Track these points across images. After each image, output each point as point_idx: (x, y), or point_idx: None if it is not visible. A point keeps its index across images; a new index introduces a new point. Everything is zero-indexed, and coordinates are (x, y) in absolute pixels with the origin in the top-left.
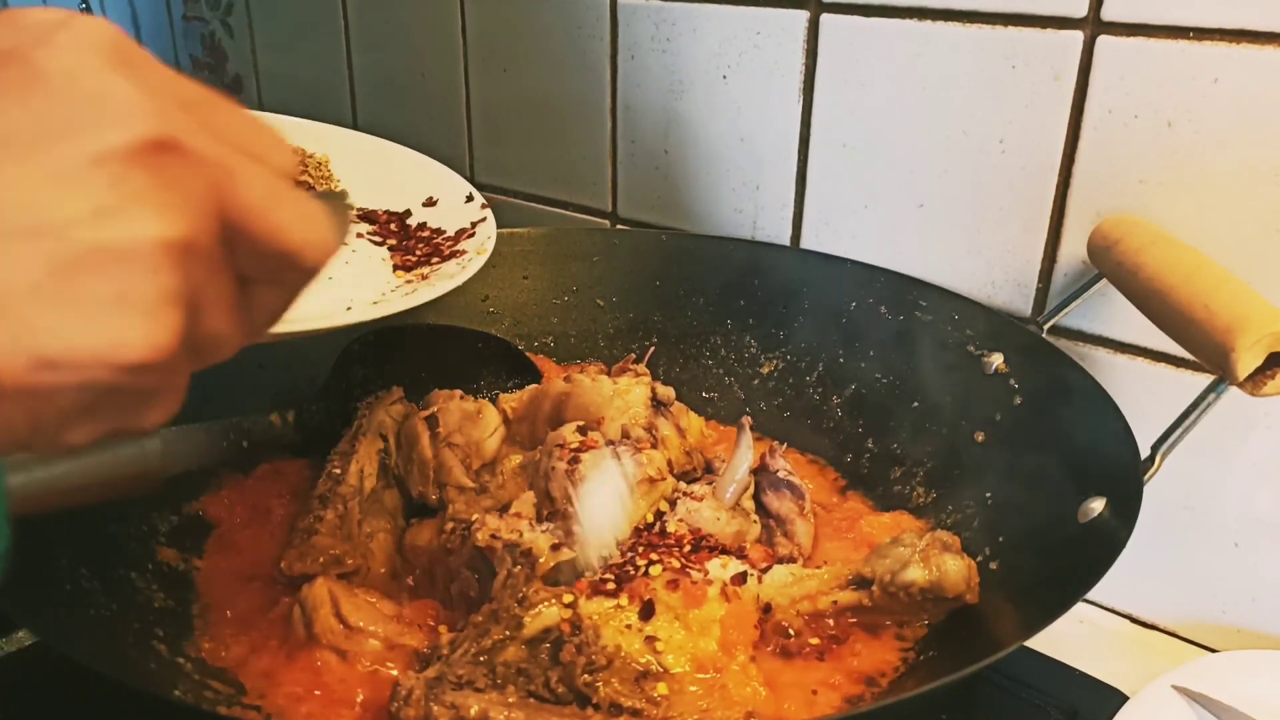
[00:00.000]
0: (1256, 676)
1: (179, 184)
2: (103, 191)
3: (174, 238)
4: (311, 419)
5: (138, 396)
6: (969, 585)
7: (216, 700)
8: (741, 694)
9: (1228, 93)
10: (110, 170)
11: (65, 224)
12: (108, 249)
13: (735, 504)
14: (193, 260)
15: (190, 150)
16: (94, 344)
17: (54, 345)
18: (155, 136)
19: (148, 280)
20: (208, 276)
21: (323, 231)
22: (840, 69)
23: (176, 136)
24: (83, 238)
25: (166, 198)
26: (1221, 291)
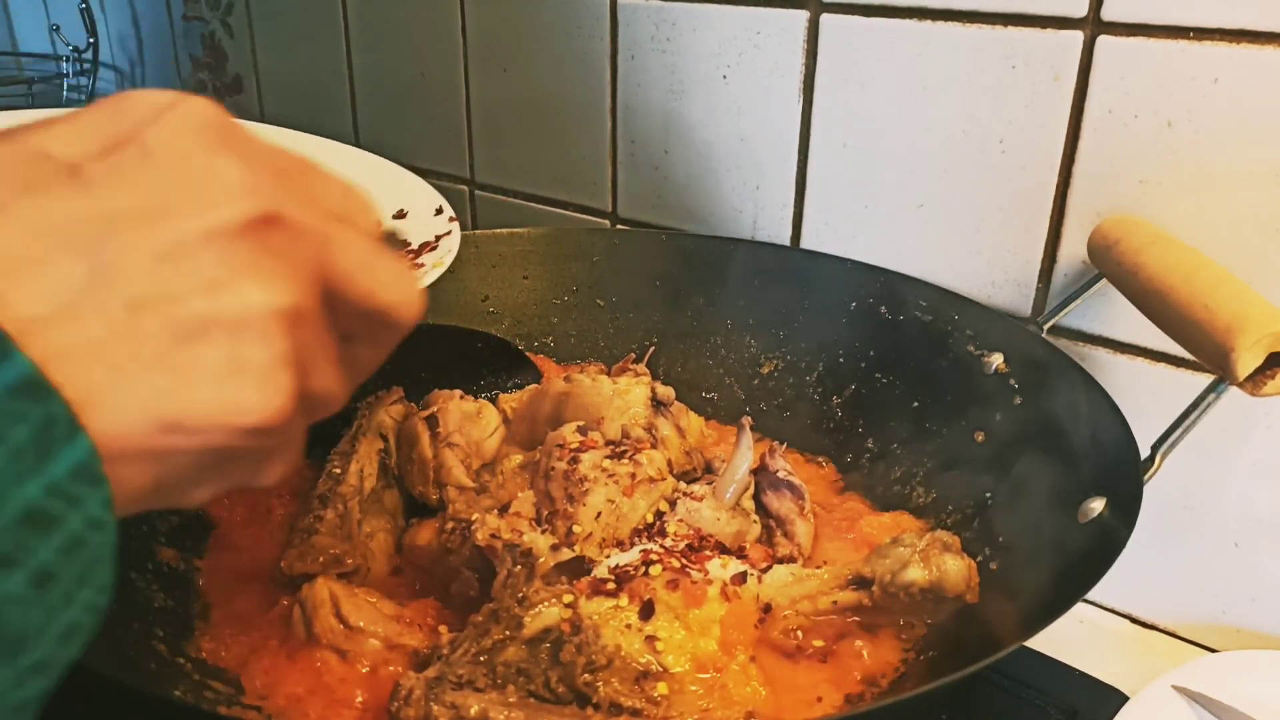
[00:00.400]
0: (1256, 676)
1: (284, 255)
2: (216, 265)
3: (283, 306)
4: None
5: (257, 455)
6: (969, 585)
7: (216, 700)
8: (741, 694)
9: (1228, 93)
10: (222, 245)
11: (183, 296)
12: (223, 319)
13: (735, 504)
14: (301, 326)
15: (292, 223)
16: (214, 409)
17: (177, 410)
18: (261, 213)
19: (262, 347)
20: (315, 339)
21: (411, 291)
22: (840, 69)
23: (280, 211)
24: (199, 309)
25: (274, 268)
26: (1221, 291)
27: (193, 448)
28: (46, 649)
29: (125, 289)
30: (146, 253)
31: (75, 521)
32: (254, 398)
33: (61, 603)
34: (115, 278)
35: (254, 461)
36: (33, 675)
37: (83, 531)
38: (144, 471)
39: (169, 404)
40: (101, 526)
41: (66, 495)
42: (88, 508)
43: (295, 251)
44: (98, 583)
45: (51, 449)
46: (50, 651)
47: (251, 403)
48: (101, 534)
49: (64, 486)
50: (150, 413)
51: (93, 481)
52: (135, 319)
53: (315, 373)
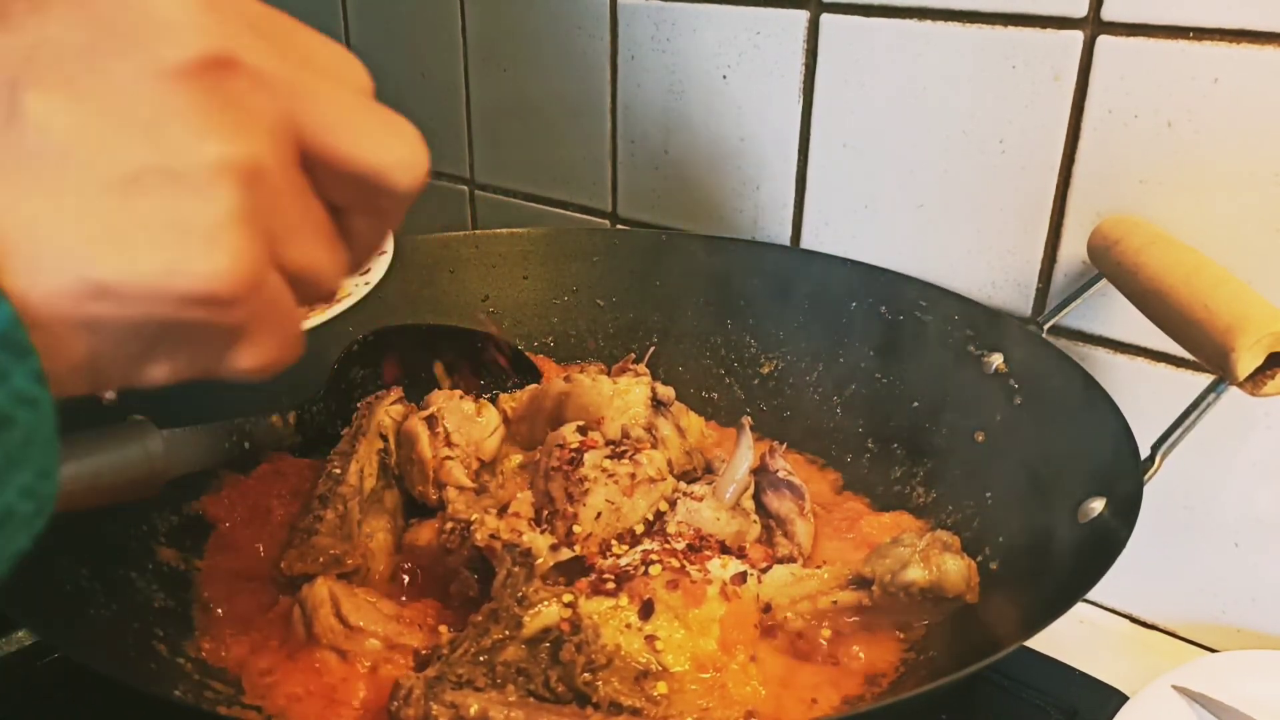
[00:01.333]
0: (1256, 676)
1: (242, 103)
2: (156, 110)
3: (235, 158)
4: (312, 420)
5: (220, 334)
6: (969, 585)
7: (216, 700)
8: (741, 693)
9: (1228, 93)
10: (163, 86)
11: (114, 142)
12: (164, 170)
13: (735, 504)
14: (263, 184)
15: (253, 68)
16: (149, 271)
17: (104, 272)
18: (213, 53)
19: (207, 203)
20: (289, 203)
21: (411, 149)
22: (840, 69)
23: (236, 53)
24: (133, 157)
25: (227, 117)
26: (1221, 291)
27: (129, 317)
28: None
29: (47, 135)
30: (72, 94)
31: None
32: (197, 261)
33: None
34: (37, 122)
35: (216, 340)
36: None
37: (10, 406)
38: (76, 343)
39: (97, 265)
40: (33, 403)
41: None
42: (14, 381)
43: (256, 100)
44: (36, 465)
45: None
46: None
47: (194, 266)
48: (33, 411)
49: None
50: (76, 274)
51: (17, 352)
52: (59, 168)
53: (293, 242)
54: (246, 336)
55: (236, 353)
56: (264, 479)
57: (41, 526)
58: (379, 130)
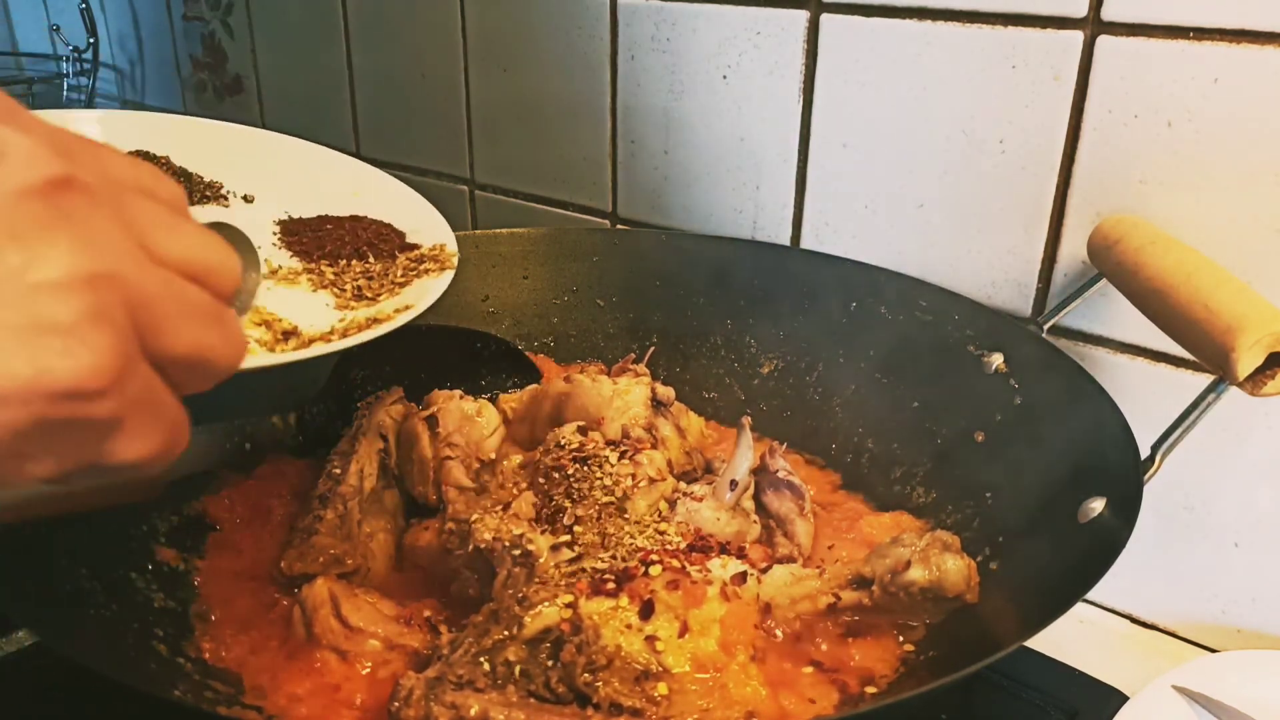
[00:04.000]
0: (1256, 676)
1: (83, 217)
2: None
3: (82, 263)
4: (312, 420)
5: (95, 427)
6: (969, 585)
7: (216, 700)
8: (741, 694)
9: (1228, 93)
10: (12, 211)
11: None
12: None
13: (735, 504)
14: (114, 283)
15: (86, 186)
16: (19, 372)
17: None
18: (53, 175)
19: (62, 305)
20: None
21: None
22: (840, 69)
23: (72, 174)
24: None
25: (72, 228)
26: (1221, 291)
27: (7, 419)
28: None
29: None
30: None
31: None
32: (60, 357)
33: None
34: None
35: (93, 433)
36: None
37: None
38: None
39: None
40: None
41: None
42: None
43: (93, 213)
44: None
45: None
46: None
47: (57, 363)
48: None
49: None
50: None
51: None
52: None
53: (166, 330)
54: (123, 428)
55: (115, 444)
56: (264, 479)
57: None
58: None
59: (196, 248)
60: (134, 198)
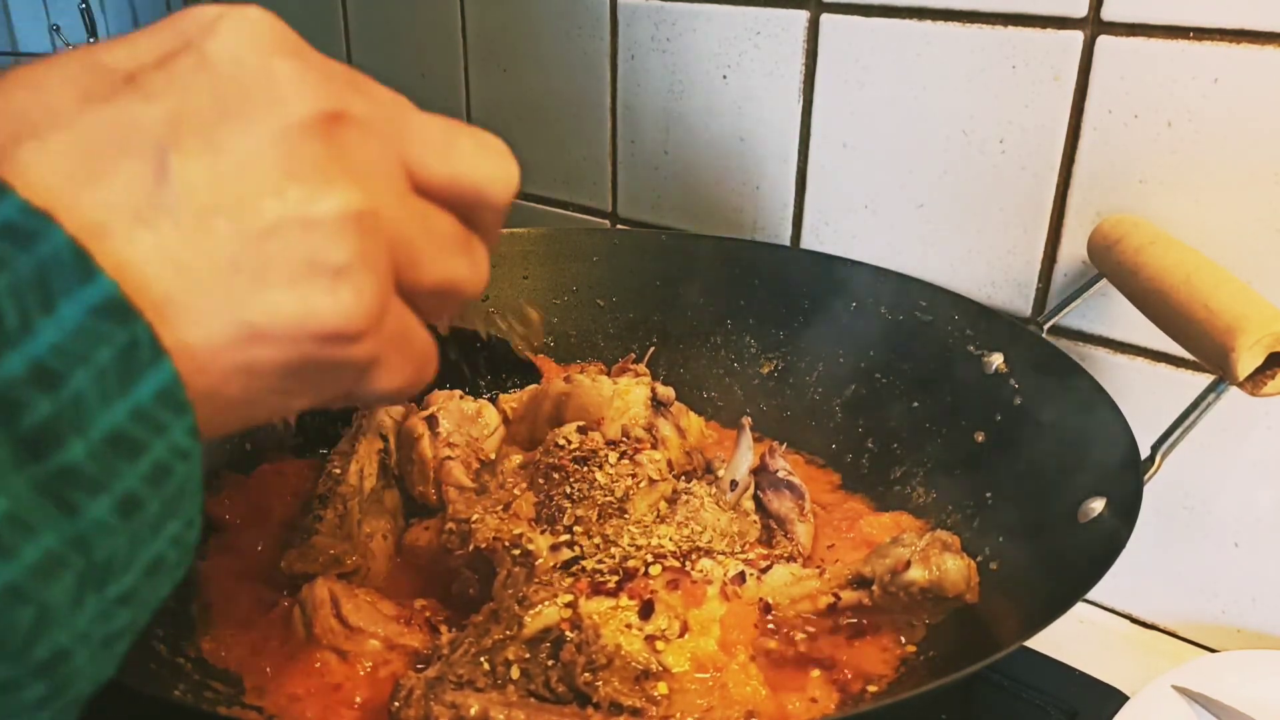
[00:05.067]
0: (1256, 676)
1: (354, 151)
2: (283, 166)
3: (357, 204)
4: (313, 420)
5: (353, 364)
6: (969, 585)
7: (216, 700)
8: (741, 693)
9: (1228, 93)
10: (288, 145)
11: (252, 198)
12: (294, 220)
13: (735, 504)
14: (382, 222)
15: (358, 118)
16: (293, 313)
17: (256, 316)
18: (326, 110)
19: (337, 248)
20: (413, 229)
21: (503, 163)
22: (840, 69)
23: (344, 108)
24: (270, 211)
25: (345, 165)
26: (1221, 291)
27: (276, 358)
28: (133, 579)
29: (193, 194)
30: (211, 157)
31: (160, 448)
32: (329, 298)
33: (148, 532)
34: (181, 183)
35: (353, 370)
36: (120, 607)
37: (168, 459)
38: (231, 387)
39: (247, 311)
40: (186, 455)
41: (152, 420)
42: (172, 434)
43: (365, 146)
44: (184, 515)
45: (135, 372)
46: (137, 582)
47: (327, 304)
48: (186, 464)
49: (149, 411)
50: (229, 320)
51: (177, 408)
52: (206, 224)
53: (423, 263)
54: (380, 364)
55: (373, 379)
56: (264, 479)
57: (182, 576)
58: (472, 149)
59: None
60: (403, 123)
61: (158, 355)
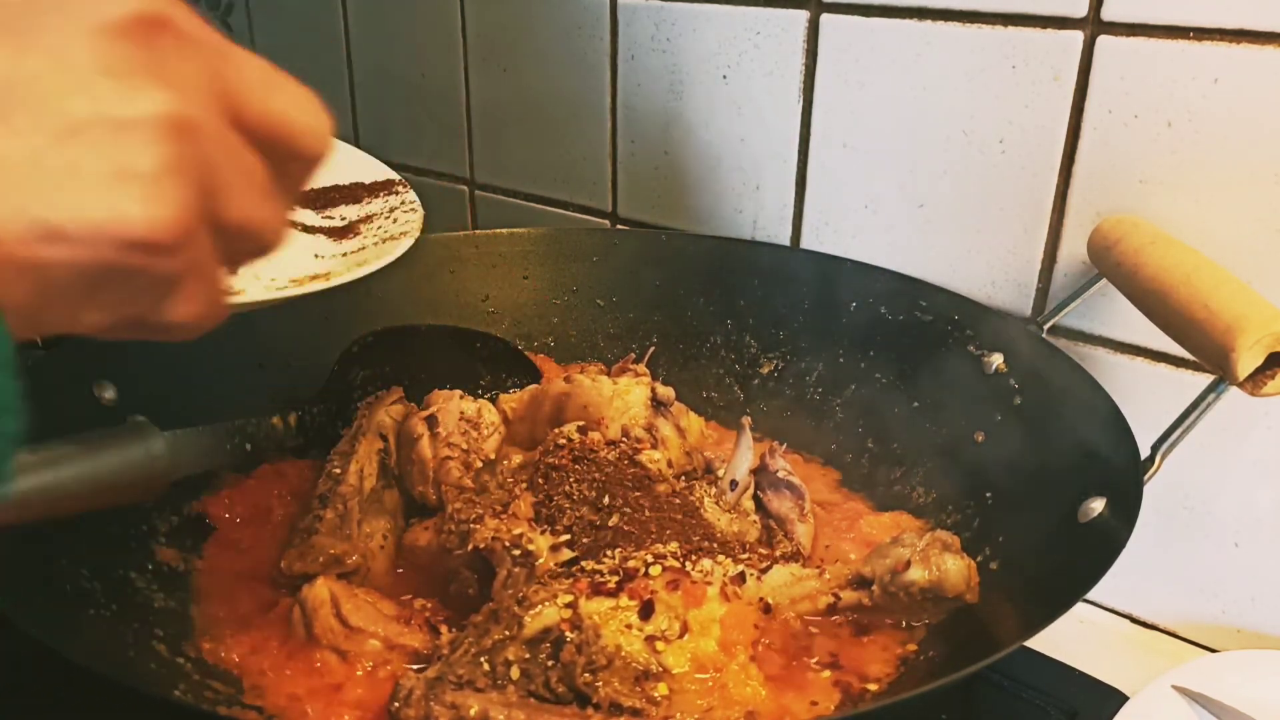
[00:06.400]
0: (1256, 676)
1: (175, 61)
2: (96, 63)
3: (170, 111)
4: (313, 421)
5: (154, 282)
6: (969, 585)
7: (216, 700)
8: (741, 694)
9: (1228, 93)
10: (104, 43)
11: (62, 95)
12: (105, 120)
13: (735, 504)
14: (197, 138)
15: (184, 30)
16: (94, 215)
17: (55, 215)
18: (149, 13)
19: (146, 152)
20: (223, 157)
21: (319, 117)
22: (840, 69)
23: (168, 14)
24: (79, 109)
25: (163, 73)
26: (1221, 291)
27: (75, 260)
28: None
29: None
30: (17, 47)
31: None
32: (138, 206)
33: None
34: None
35: (151, 288)
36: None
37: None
38: (21, 286)
39: (46, 208)
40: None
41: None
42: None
43: (187, 60)
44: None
45: None
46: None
47: (135, 211)
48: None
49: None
50: (27, 217)
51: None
52: (7, 118)
53: (230, 196)
54: (178, 288)
55: (168, 304)
56: (264, 479)
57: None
58: (293, 95)
59: (293, 107)
60: (226, 52)
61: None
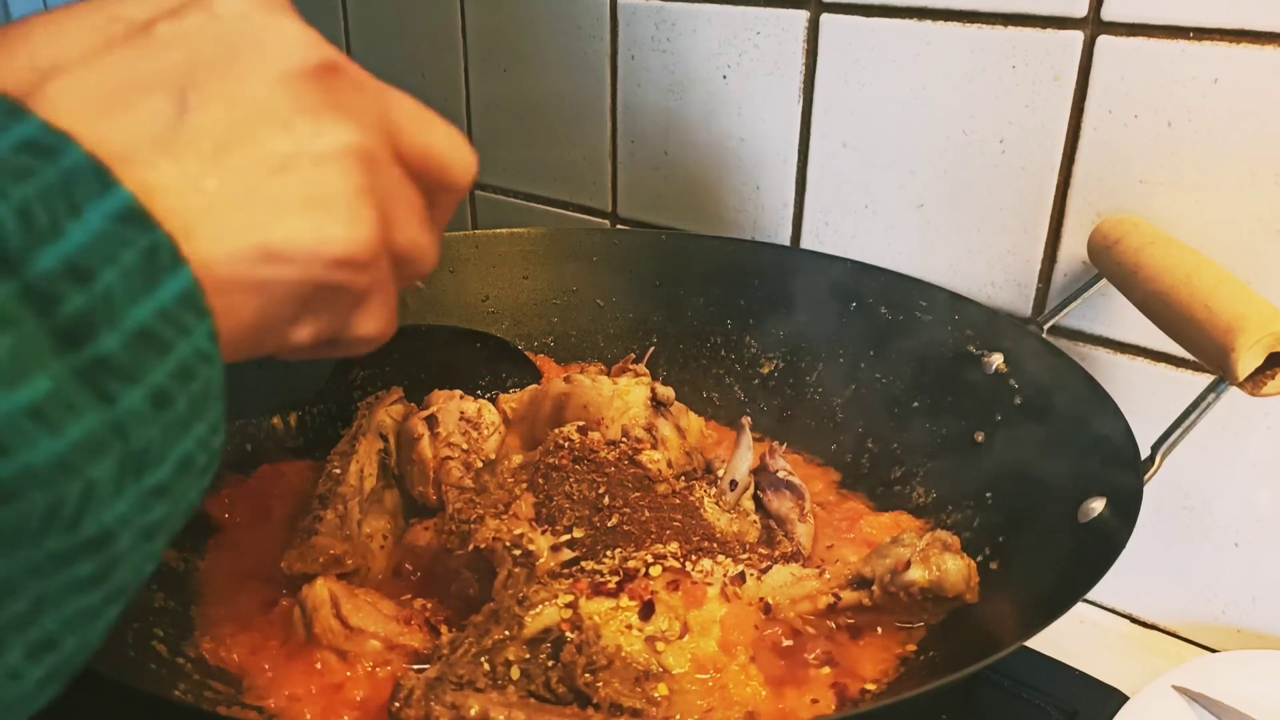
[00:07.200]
0: (1256, 676)
1: (350, 100)
2: (290, 106)
3: (356, 144)
4: (313, 421)
5: (350, 295)
6: (969, 585)
7: (216, 700)
8: (741, 694)
9: (1228, 93)
10: (293, 89)
11: (264, 134)
12: (304, 154)
13: (735, 504)
14: (375, 167)
15: (353, 73)
16: (307, 237)
17: (272, 238)
18: (326, 60)
19: (342, 179)
20: (392, 184)
21: (466, 149)
22: (840, 69)
23: (340, 61)
24: (281, 145)
25: (343, 111)
26: (1221, 291)
27: (289, 279)
28: (167, 474)
29: (210, 128)
30: (225, 95)
31: (185, 349)
32: (340, 228)
33: (178, 429)
34: (200, 118)
35: (348, 303)
36: (156, 499)
37: (192, 360)
38: (246, 303)
39: (265, 233)
40: (209, 359)
41: (175, 322)
42: (195, 338)
43: (359, 98)
44: (209, 419)
45: (158, 275)
46: (170, 478)
47: (338, 232)
48: (209, 368)
49: (172, 312)
50: (248, 241)
51: (198, 312)
52: (223, 155)
53: (399, 223)
54: (368, 302)
55: (360, 317)
56: (265, 479)
57: (208, 484)
58: (445, 130)
59: (445, 141)
60: (386, 91)
61: (177, 261)
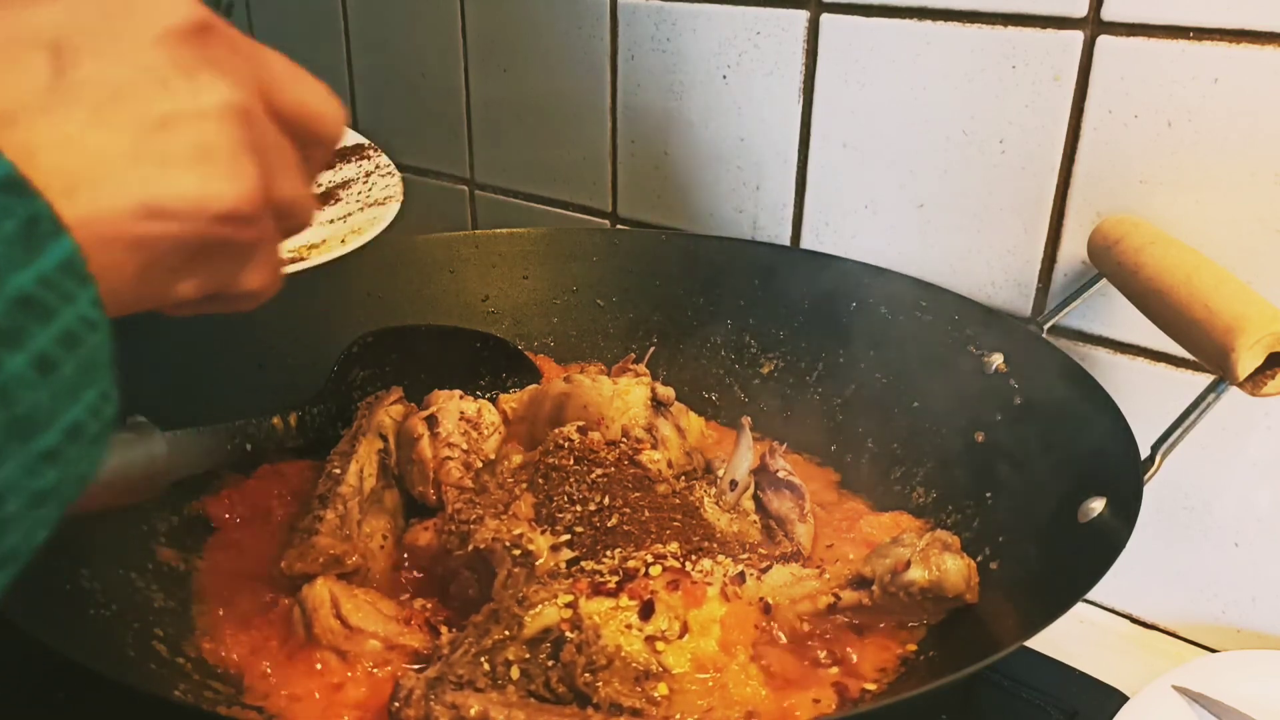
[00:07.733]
0: (1256, 676)
1: (225, 58)
2: (168, 65)
3: (233, 101)
4: (313, 421)
5: (234, 253)
6: (969, 585)
7: (216, 700)
8: (741, 694)
9: (1228, 93)
10: (170, 48)
11: (142, 92)
12: (184, 112)
13: (735, 504)
14: (252, 123)
15: (227, 34)
16: (189, 192)
17: (155, 194)
18: (200, 19)
19: (222, 135)
20: (270, 141)
21: (336, 103)
22: (840, 69)
23: (214, 21)
24: (160, 103)
25: (219, 69)
26: (1221, 291)
27: (173, 234)
28: (55, 438)
29: (88, 87)
30: (103, 55)
31: (69, 315)
32: (223, 182)
33: (66, 394)
34: (78, 78)
35: (233, 258)
36: (46, 465)
37: (77, 326)
38: (130, 260)
39: (147, 189)
40: (94, 326)
41: (57, 288)
42: (79, 305)
43: (233, 57)
44: (99, 386)
45: (38, 244)
46: (59, 443)
47: (222, 187)
48: (95, 334)
49: (54, 279)
50: (130, 198)
51: (80, 279)
52: (103, 114)
53: (279, 176)
54: (252, 256)
55: (245, 272)
56: (264, 479)
57: (100, 457)
58: (313, 86)
59: (316, 96)
60: (258, 50)
61: (58, 230)
